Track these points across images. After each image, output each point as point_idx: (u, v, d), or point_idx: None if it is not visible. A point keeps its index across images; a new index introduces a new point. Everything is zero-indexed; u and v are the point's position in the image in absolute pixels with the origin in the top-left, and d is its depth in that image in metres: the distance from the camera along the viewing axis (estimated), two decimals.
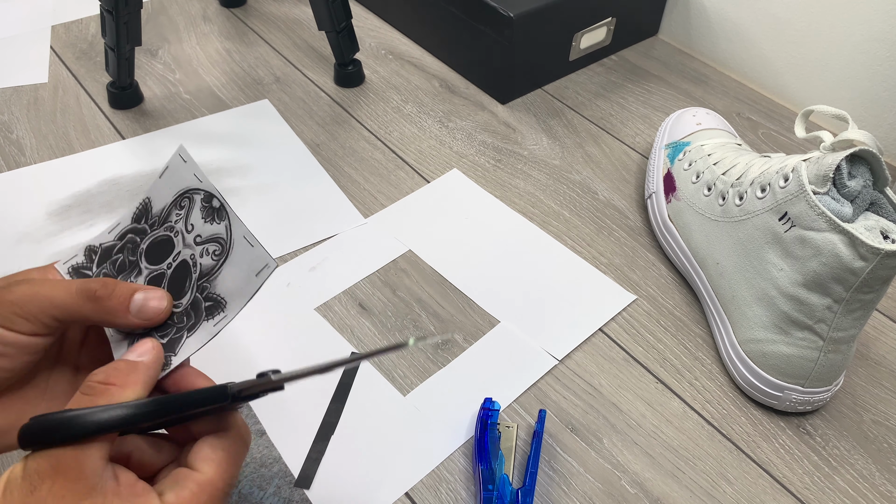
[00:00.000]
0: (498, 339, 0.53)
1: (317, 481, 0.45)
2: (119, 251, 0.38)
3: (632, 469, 0.46)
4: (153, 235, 0.38)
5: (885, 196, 0.44)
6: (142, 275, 0.37)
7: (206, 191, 0.37)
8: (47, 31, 0.83)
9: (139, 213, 0.39)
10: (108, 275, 0.37)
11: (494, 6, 0.69)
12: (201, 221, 0.37)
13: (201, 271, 0.36)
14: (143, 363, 0.31)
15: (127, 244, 0.38)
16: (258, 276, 0.34)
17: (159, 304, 0.34)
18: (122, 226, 0.39)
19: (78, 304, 0.33)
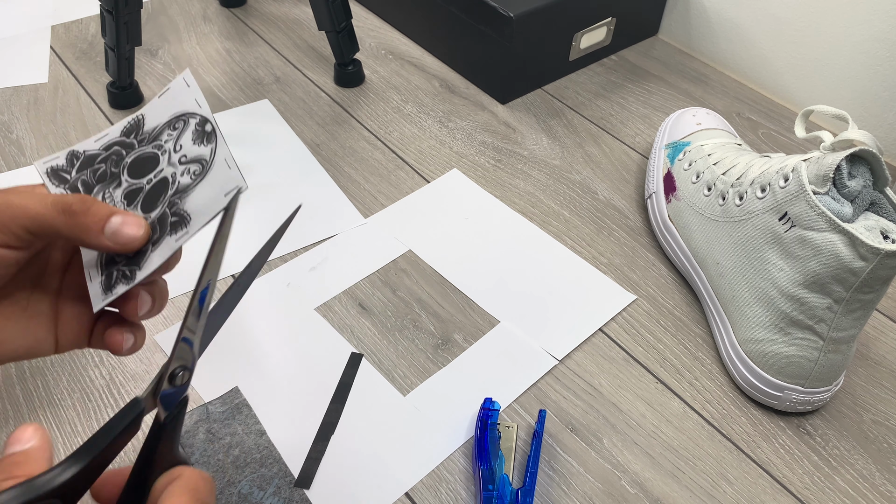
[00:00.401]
0: (498, 339, 0.53)
1: (317, 481, 0.45)
2: (102, 161, 0.37)
3: (632, 469, 0.46)
4: (140, 151, 0.37)
5: (885, 196, 0.44)
6: (120, 187, 0.36)
7: (203, 115, 0.36)
8: (47, 31, 0.83)
9: (129, 128, 0.38)
10: (87, 182, 0.37)
11: (494, 6, 0.69)
12: (190, 143, 0.36)
13: (177, 188, 0.35)
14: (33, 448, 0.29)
15: (112, 155, 0.37)
16: (226, 195, 0.33)
17: (135, 232, 0.33)
18: (110, 137, 0.38)
19: (52, 217, 0.32)
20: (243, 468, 0.45)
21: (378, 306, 0.55)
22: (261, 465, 0.45)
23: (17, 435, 0.29)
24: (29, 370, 0.50)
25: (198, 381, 0.50)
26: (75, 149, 0.38)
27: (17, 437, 0.29)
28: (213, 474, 0.45)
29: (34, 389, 0.49)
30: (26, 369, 0.50)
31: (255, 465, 0.45)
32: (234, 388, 0.49)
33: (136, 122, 0.38)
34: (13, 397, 0.49)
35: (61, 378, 0.50)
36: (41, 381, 0.50)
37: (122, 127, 0.38)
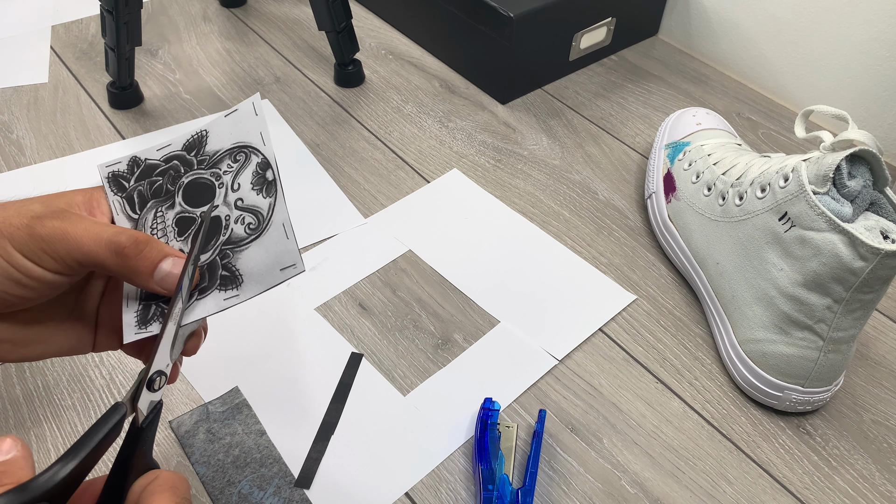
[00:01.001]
0: (498, 339, 0.53)
1: (317, 481, 0.45)
2: (161, 173, 0.37)
3: (632, 469, 0.46)
4: (198, 173, 0.37)
5: (885, 196, 0.44)
6: (173, 209, 0.36)
7: (266, 157, 0.36)
8: (47, 31, 0.83)
9: (192, 143, 0.37)
10: (143, 193, 0.37)
11: (494, 6, 0.69)
12: (249, 186, 0.36)
13: (230, 237, 0.35)
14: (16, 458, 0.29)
15: (170, 169, 0.37)
16: (283, 271, 0.34)
17: None
18: (172, 149, 0.37)
19: (104, 257, 0.32)
20: (243, 468, 0.45)
21: (378, 306, 0.55)
22: (261, 465, 0.45)
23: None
24: (29, 370, 0.50)
25: (198, 381, 0.50)
26: (137, 155, 0.38)
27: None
28: (213, 474, 0.45)
29: (34, 389, 0.49)
30: (26, 369, 0.50)
31: (255, 465, 0.45)
32: (234, 388, 0.49)
33: (200, 137, 0.37)
34: (13, 397, 0.49)
35: (61, 378, 0.50)
36: (41, 381, 0.50)
37: (184, 140, 0.37)
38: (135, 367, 0.51)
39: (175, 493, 0.29)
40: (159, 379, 0.32)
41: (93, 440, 0.29)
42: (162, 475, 0.30)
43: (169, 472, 0.31)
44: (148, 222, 0.37)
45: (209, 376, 0.50)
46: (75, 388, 0.49)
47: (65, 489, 0.27)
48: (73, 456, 0.28)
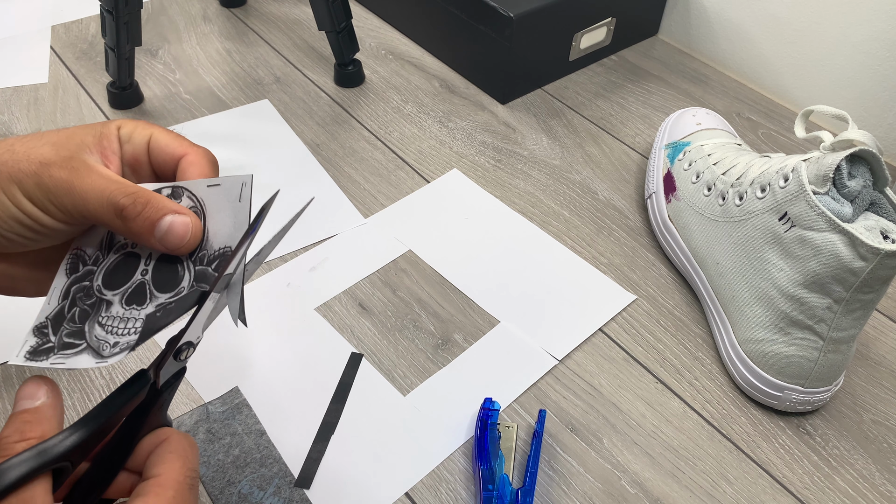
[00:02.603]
0: (498, 339, 0.53)
1: (317, 481, 0.45)
2: (71, 307, 0.34)
3: (632, 469, 0.46)
4: (103, 267, 0.35)
5: (885, 196, 0.44)
6: (113, 304, 0.33)
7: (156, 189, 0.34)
8: (47, 31, 0.83)
9: (72, 265, 0.35)
10: (73, 332, 0.33)
11: (494, 6, 0.69)
12: None
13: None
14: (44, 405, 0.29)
15: (76, 294, 0.34)
16: (241, 200, 0.33)
17: (184, 230, 0.32)
18: (60, 287, 0.35)
19: (107, 216, 0.32)
20: (243, 468, 0.45)
21: (378, 306, 0.55)
22: (261, 465, 0.45)
23: (26, 390, 0.29)
24: (29, 370, 0.50)
25: (198, 381, 0.50)
26: (37, 323, 0.35)
27: (28, 393, 0.29)
28: (213, 474, 0.45)
29: None
30: (26, 369, 0.50)
31: (255, 465, 0.45)
32: (234, 388, 0.49)
33: (75, 257, 0.35)
34: (13, 397, 0.49)
35: (61, 378, 0.50)
36: None
37: (65, 270, 0.35)
38: (135, 367, 0.51)
39: (185, 463, 0.29)
40: (188, 350, 0.32)
41: (114, 404, 0.29)
42: (172, 438, 0.30)
43: (180, 436, 0.30)
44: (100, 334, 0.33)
45: (209, 376, 0.50)
46: (75, 388, 0.49)
47: (81, 450, 0.28)
48: (94, 420, 0.28)
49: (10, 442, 0.27)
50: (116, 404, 0.29)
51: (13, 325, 0.53)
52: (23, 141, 0.33)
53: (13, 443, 0.27)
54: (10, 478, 0.25)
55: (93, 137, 0.35)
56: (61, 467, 0.27)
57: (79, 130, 0.35)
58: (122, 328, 0.33)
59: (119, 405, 0.29)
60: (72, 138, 0.34)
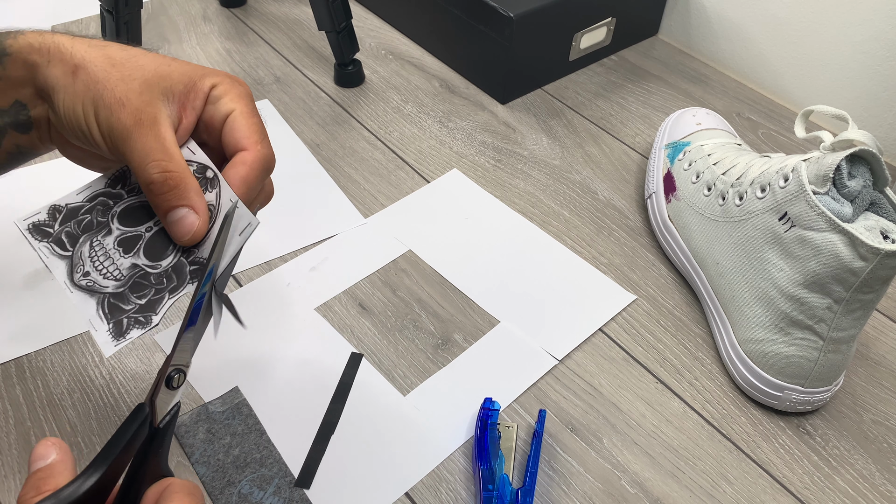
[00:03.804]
0: (498, 339, 0.53)
1: (317, 481, 0.45)
2: (87, 212, 0.37)
3: (632, 469, 0.46)
4: (130, 201, 0.37)
5: (885, 196, 0.44)
6: (111, 235, 0.36)
7: (200, 162, 0.36)
8: None
9: (115, 179, 0.38)
10: (72, 233, 0.37)
11: (494, 6, 0.69)
12: None
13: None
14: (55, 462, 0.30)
15: (97, 206, 0.37)
16: (241, 234, 0.35)
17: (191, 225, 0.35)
18: (94, 189, 0.38)
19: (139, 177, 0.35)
20: (243, 468, 0.45)
21: (378, 306, 0.55)
22: (261, 465, 0.45)
23: (38, 452, 0.30)
24: (29, 370, 0.50)
25: (198, 381, 0.50)
26: (57, 203, 0.38)
27: (39, 454, 0.30)
28: (213, 474, 0.45)
29: (34, 389, 0.49)
30: (26, 369, 0.50)
31: (255, 465, 0.45)
32: (234, 388, 0.49)
33: (123, 173, 0.38)
34: (13, 397, 0.49)
35: (61, 378, 0.50)
36: (41, 381, 0.50)
37: (107, 178, 0.38)
38: (135, 366, 0.51)
39: (193, 499, 0.30)
40: (178, 377, 0.33)
41: (119, 444, 0.29)
42: (176, 482, 0.31)
43: (182, 481, 0.31)
44: (85, 253, 0.36)
45: (209, 376, 0.50)
46: (75, 388, 0.49)
47: (99, 493, 0.28)
48: (103, 461, 0.29)
49: (28, 498, 0.28)
50: (121, 443, 0.30)
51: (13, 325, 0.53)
52: (124, 63, 0.35)
53: (30, 498, 0.28)
54: None
55: (183, 86, 0.37)
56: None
57: (175, 71, 0.37)
58: (101, 264, 0.36)
59: (124, 443, 0.30)
60: (164, 79, 0.36)
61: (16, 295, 0.54)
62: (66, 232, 0.37)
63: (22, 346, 0.51)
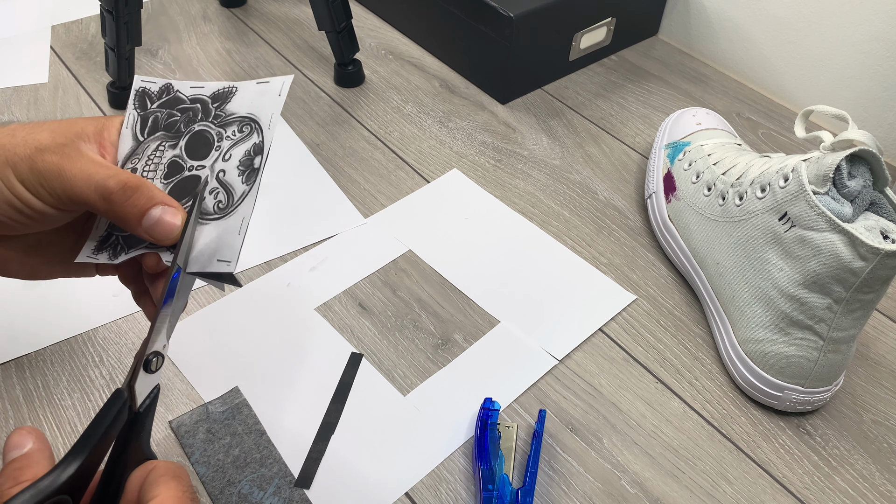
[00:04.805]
0: (498, 339, 0.53)
1: (317, 481, 0.45)
2: (182, 110, 0.38)
3: (632, 469, 0.46)
4: (208, 125, 0.37)
5: (885, 196, 0.44)
6: (173, 150, 0.37)
7: (262, 142, 0.36)
8: (47, 31, 0.83)
9: (219, 95, 0.38)
10: (157, 120, 0.37)
11: (494, 6, 0.69)
12: (236, 163, 0.36)
13: (198, 204, 0.35)
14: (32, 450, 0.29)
15: (191, 110, 0.38)
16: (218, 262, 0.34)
17: (172, 221, 0.34)
18: (202, 91, 0.38)
19: (93, 199, 0.33)
20: (243, 468, 0.45)
21: (378, 306, 0.55)
22: (261, 465, 0.45)
23: (13, 441, 0.29)
24: (29, 370, 0.50)
25: (198, 381, 0.50)
26: (172, 83, 0.39)
27: (15, 443, 0.29)
28: (213, 474, 0.45)
29: (34, 389, 0.49)
30: (26, 369, 0.50)
31: (255, 465, 0.45)
32: (234, 388, 0.49)
33: (227, 92, 0.38)
34: (13, 397, 0.49)
35: (61, 378, 0.50)
36: (41, 381, 0.50)
37: (215, 88, 0.38)
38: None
39: (180, 482, 0.29)
40: (156, 360, 0.32)
41: (98, 431, 0.29)
42: (160, 464, 0.30)
43: (167, 462, 0.30)
44: (147, 151, 0.37)
45: (209, 376, 0.50)
46: (75, 388, 0.49)
47: (80, 481, 0.28)
48: (82, 448, 0.28)
49: (5, 489, 0.27)
50: (100, 429, 0.29)
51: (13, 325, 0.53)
52: (25, 127, 0.34)
53: (8, 489, 0.27)
54: None
55: (93, 128, 0.36)
56: (61, 501, 0.27)
57: (81, 121, 0.36)
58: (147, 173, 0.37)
59: (103, 429, 0.29)
60: (72, 127, 0.35)
61: (16, 295, 0.54)
62: (155, 116, 0.38)
63: (22, 346, 0.51)
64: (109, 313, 0.54)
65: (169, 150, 0.37)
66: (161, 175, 0.37)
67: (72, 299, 0.54)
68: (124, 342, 0.52)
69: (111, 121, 0.37)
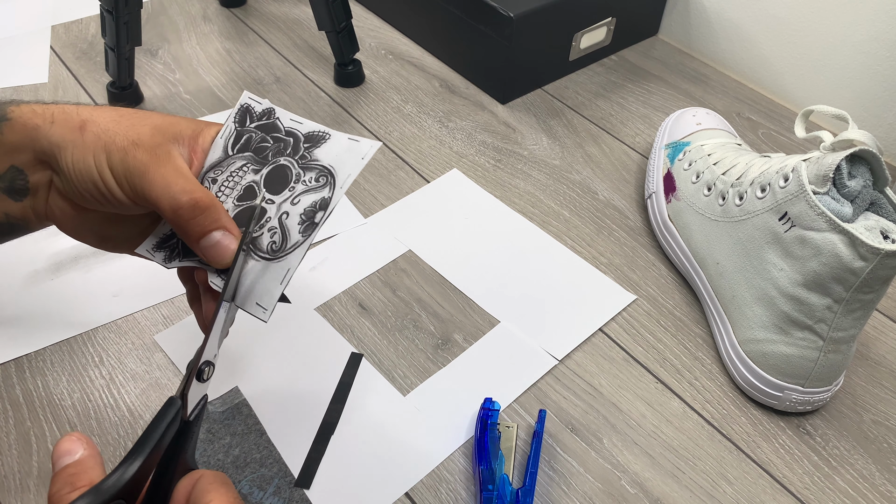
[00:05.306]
0: (498, 339, 0.53)
1: (317, 481, 0.45)
2: (274, 139, 0.39)
3: (632, 469, 0.46)
4: (292, 163, 0.38)
5: (885, 196, 0.44)
6: (254, 175, 0.37)
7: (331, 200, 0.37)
8: (47, 31, 0.83)
9: (312, 136, 0.39)
10: (250, 141, 0.38)
11: (494, 6, 0.69)
12: (300, 210, 0.37)
13: (253, 240, 0.36)
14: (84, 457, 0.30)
15: (281, 142, 0.38)
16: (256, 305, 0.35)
17: (229, 246, 0.35)
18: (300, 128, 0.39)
19: (165, 207, 0.34)
20: (243, 468, 0.45)
21: (378, 306, 0.55)
22: (261, 465, 0.45)
23: (63, 447, 0.30)
24: (29, 370, 0.50)
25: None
26: (274, 109, 0.40)
27: (66, 450, 0.30)
28: None
29: (34, 389, 0.49)
30: (26, 369, 0.50)
31: (255, 465, 0.45)
32: (234, 388, 0.49)
33: (320, 137, 0.39)
34: (13, 397, 0.49)
35: (61, 378, 0.50)
36: (41, 381, 0.50)
37: (311, 129, 0.39)
38: (135, 367, 0.51)
39: (229, 489, 0.30)
40: (208, 369, 0.33)
41: (153, 437, 0.30)
42: (207, 473, 0.31)
43: (213, 472, 0.31)
44: (232, 167, 0.38)
45: None
46: (75, 388, 0.49)
47: (134, 487, 0.28)
48: (138, 454, 0.29)
49: (63, 494, 0.28)
50: (155, 436, 0.30)
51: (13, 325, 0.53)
52: (131, 115, 0.36)
53: (66, 494, 0.28)
54: None
55: (191, 131, 0.38)
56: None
57: (182, 121, 0.38)
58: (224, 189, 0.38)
59: (158, 436, 0.30)
60: (172, 126, 0.37)
61: (16, 295, 0.54)
62: (249, 135, 0.39)
63: (22, 346, 0.51)
64: (109, 313, 0.54)
65: (251, 173, 0.38)
66: (236, 195, 0.37)
67: (72, 299, 0.54)
68: (124, 342, 0.52)
69: (209, 127, 0.39)
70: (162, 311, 0.54)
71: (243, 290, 0.36)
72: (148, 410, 0.48)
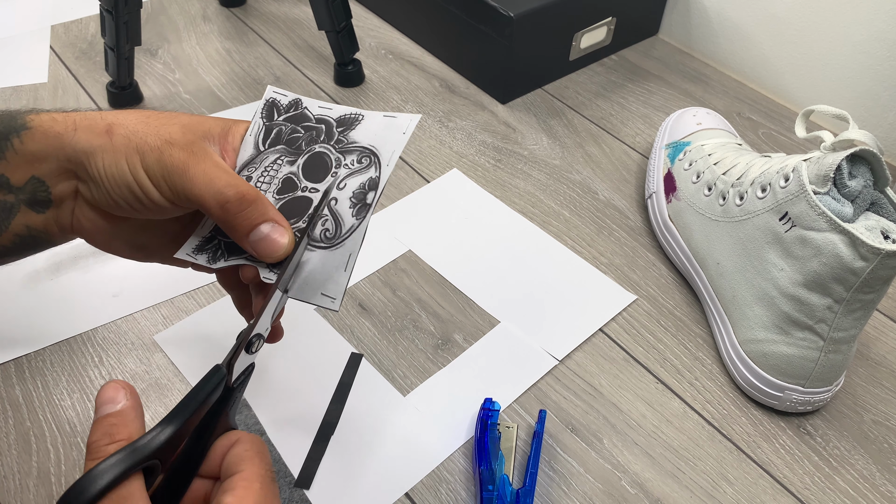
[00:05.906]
0: (498, 339, 0.53)
1: (317, 481, 0.45)
2: (306, 129, 0.38)
3: (632, 469, 0.46)
4: (329, 149, 0.37)
5: (885, 196, 0.44)
6: (290, 167, 0.37)
7: (380, 178, 0.36)
8: (47, 31, 0.83)
9: (344, 120, 0.38)
10: (280, 133, 0.38)
11: (494, 6, 0.69)
12: (349, 194, 0.36)
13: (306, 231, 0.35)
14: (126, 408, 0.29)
15: (314, 130, 0.38)
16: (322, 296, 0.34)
17: (280, 240, 0.34)
18: (329, 113, 0.38)
19: (210, 203, 0.33)
20: None
21: (378, 306, 0.55)
22: None
23: (107, 394, 0.29)
24: (29, 370, 0.50)
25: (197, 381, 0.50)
26: (301, 99, 0.39)
27: (109, 397, 0.29)
28: None
29: (34, 389, 0.49)
30: (26, 369, 0.50)
31: None
32: None
33: (354, 119, 0.38)
34: (13, 397, 0.49)
35: (61, 378, 0.50)
36: (41, 381, 0.50)
37: (342, 113, 0.38)
38: (135, 367, 0.51)
39: (263, 458, 0.30)
40: (258, 342, 0.33)
41: (195, 402, 0.30)
42: (244, 438, 0.31)
43: (250, 435, 0.31)
44: (265, 162, 0.37)
45: None
46: (75, 388, 0.49)
47: (169, 447, 0.28)
48: (177, 416, 0.29)
49: (101, 445, 0.28)
50: (197, 400, 0.30)
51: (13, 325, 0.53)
52: (159, 116, 0.35)
53: (104, 445, 0.28)
54: (106, 479, 0.26)
55: (220, 129, 0.37)
56: (151, 466, 0.28)
57: (209, 120, 0.37)
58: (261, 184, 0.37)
59: (199, 401, 0.30)
60: (201, 125, 0.36)
61: (16, 295, 0.54)
62: (279, 128, 0.38)
63: (21, 346, 0.51)
64: (109, 313, 0.53)
65: (286, 165, 0.37)
66: (275, 189, 0.37)
67: (72, 299, 0.54)
68: (124, 342, 0.52)
69: (237, 125, 0.38)
70: (162, 312, 0.54)
71: (301, 282, 0.35)
72: (147, 410, 0.48)
